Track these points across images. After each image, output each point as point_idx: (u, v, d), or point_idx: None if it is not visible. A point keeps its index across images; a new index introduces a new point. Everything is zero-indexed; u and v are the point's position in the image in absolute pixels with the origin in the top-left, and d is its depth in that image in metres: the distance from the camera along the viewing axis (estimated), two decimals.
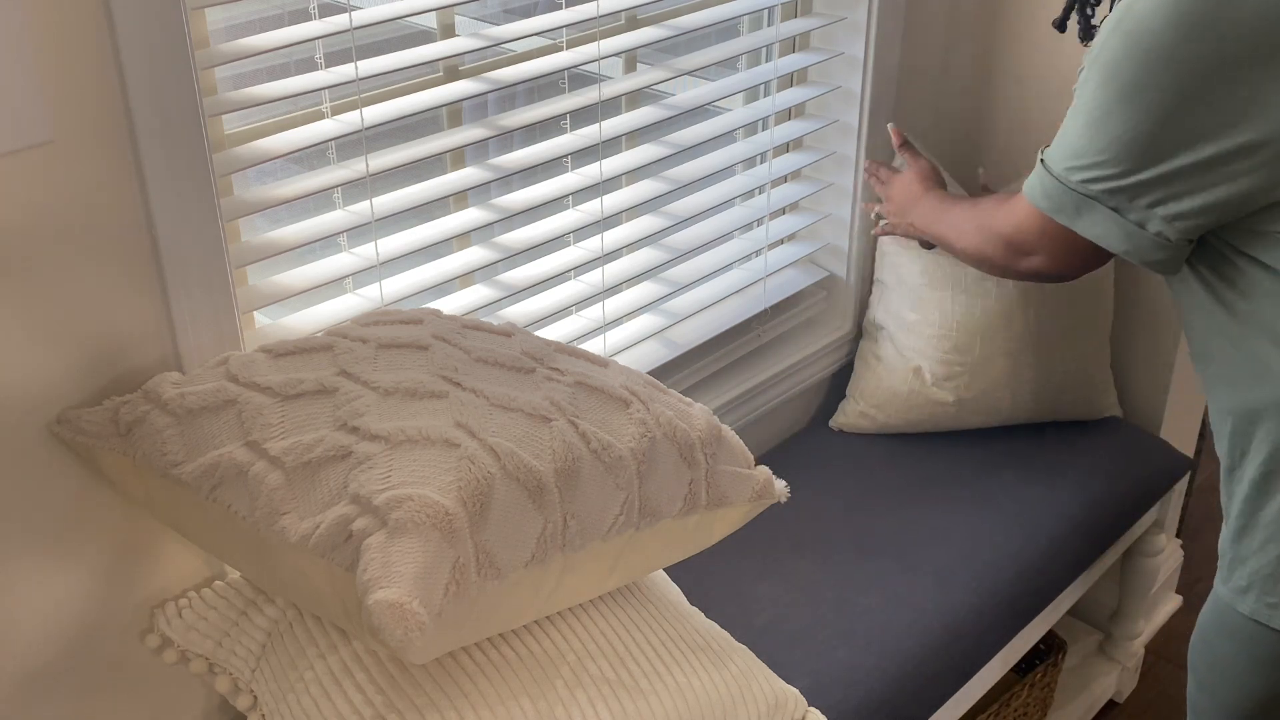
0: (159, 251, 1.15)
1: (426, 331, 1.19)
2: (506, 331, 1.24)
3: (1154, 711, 2.29)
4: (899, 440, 1.98)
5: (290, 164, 1.39)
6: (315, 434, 1.02)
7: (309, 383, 1.08)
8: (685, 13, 1.70)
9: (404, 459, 0.99)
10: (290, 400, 1.07)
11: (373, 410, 1.04)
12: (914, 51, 1.98)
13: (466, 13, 1.49)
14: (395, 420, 1.03)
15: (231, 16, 1.27)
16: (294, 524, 0.98)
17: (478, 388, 1.09)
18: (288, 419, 1.05)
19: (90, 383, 1.14)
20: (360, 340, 1.16)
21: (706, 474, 1.17)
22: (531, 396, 1.09)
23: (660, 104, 1.69)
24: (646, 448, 1.11)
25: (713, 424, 1.19)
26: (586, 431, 1.08)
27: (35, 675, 1.20)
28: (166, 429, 1.08)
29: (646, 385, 1.20)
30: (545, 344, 1.22)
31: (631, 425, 1.11)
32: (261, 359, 1.14)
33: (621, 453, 1.09)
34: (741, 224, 1.88)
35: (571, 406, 1.10)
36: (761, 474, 1.25)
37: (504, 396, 1.08)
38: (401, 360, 1.12)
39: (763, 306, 1.92)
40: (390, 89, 1.40)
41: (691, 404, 1.22)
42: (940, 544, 1.75)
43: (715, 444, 1.19)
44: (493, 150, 1.53)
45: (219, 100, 1.23)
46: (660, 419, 1.14)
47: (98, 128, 1.08)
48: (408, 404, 1.05)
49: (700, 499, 1.17)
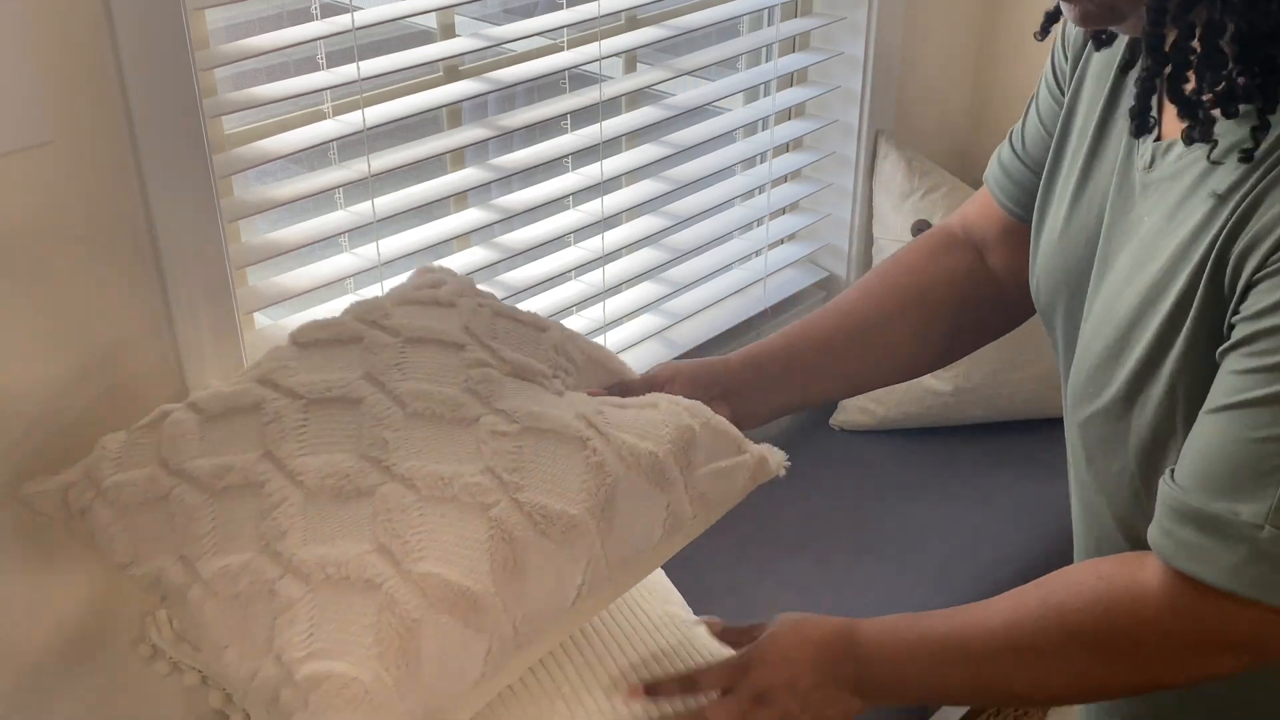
0: (159, 252, 1.15)
1: (361, 370, 1.07)
2: (542, 326, 1.15)
3: None
4: (899, 438, 1.98)
5: (291, 164, 1.39)
6: (241, 556, 0.96)
7: (235, 473, 1.01)
8: (685, 13, 1.70)
9: (325, 610, 0.92)
10: (219, 497, 1.00)
11: (297, 523, 0.97)
12: (914, 51, 1.98)
13: (466, 13, 1.49)
14: (316, 545, 0.95)
15: (231, 17, 1.27)
16: (236, 662, 0.94)
17: (408, 471, 0.98)
18: (217, 527, 0.99)
19: (90, 383, 1.14)
20: (290, 394, 1.06)
21: (685, 487, 1.05)
22: (468, 470, 0.98)
23: (660, 104, 1.69)
24: (606, 497, 0.99)
25: (682, 427, 1.05)
26: (532, 508, 0.97)
27: (34, 678, 1.20)
28: (110, 525, 1.03)
29: (599, 408, 1.06)
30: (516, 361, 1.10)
31: (588, 475, 0.99)
32: (192, 424, 1.06)
33: (575, 518, 0.97)
34: (741, 224, 1.88)
35: (515, 472, 0.98)
36: (754, 456, 1.08)
37: (435, 480, 0.97)
38: (329, 430, 1.02)
39: (763, 306, 1.92)
40: (391, 89, 1.40)
41: (655, 404, 1.08)
42: (940, 543, 1.75)
43: (690, 449, 1.05)
44: (493, 150, 1.53)
45: (219, 101, 1.23)
46: (622, 450, 1.02)
47: (97, 128, 1.08)
48: (332, 514, 0.97)
49: (684, 514, 1.05)
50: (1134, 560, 0.87)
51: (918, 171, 1.93)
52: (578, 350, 1.16)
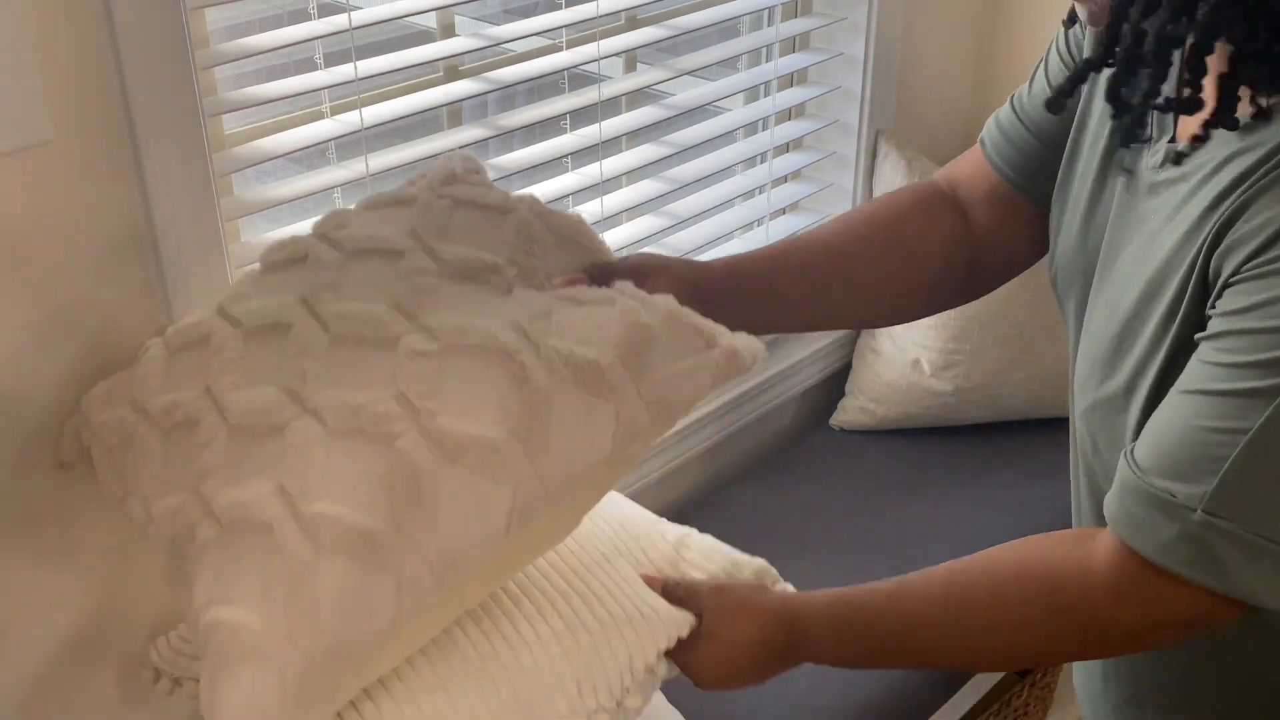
0: (159, 252, 1.15)
1: (298, 293, 1.03)
2: (506, 208, 1.09)
3: None
4: (900, 438, 1.98)
5: (290, 164, 1.39)
6: (178, 497, 0.97)
7: (180, 410, 1.01)
8: (685, 13, 1.70)
9: (226, 554, 0.92)
10: (168, 435, 1.00)
11: (219, 463, 0.96)
12: (914, 51, 1.98)
13: (466, 13, 1.49)
14: (229, 487, 0.94)
15: (231, 16, 1.27)
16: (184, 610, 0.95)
17: (320, 403, 0.95)
18: (166, 466, 1.00)
19: (90, 383, 1.14)
20: (234, 323, 1.04)
21: (638, 392, 0.96)
22: (380, 398, 0.94)
23: (660, 104, 1.69)
24: (527, 410, 0.93)
25: (635, 326, 0.97)
26: (442, 435, 0.92)
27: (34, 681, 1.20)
28: (101, 462, 1.08)
29: (547, 308, 0.99)
30: (456, 261, 1.04)
31: (511, 391, 0.93)
32: (159, 360, 1.07)
33: (493, 440, 0.91)
34: (741, 224, 1.88)
35: (429, 398, 0.93)
36: (723, 350, 0.98)
37: (345, 411, 0.94)
38: (260, 361, 1.00)
39: None
40: (390, 89, 1.40)
41: (613, 300, 0.99)
42: (941, 542, 1.75)
43: (643, 350, 0.97)
44: (493, 150, 1.53)
45: (219, 100, 1.23)
46: (554, 360, 0.95)
47: (98, 128, 1.08)
48: (249, 452, 0.96)
49: (638, 421, 0.96)
50: (1087, 534, 0.91)
51: (918, 171, 1.93)
52: (547, 230, 1.09)
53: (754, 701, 1.49)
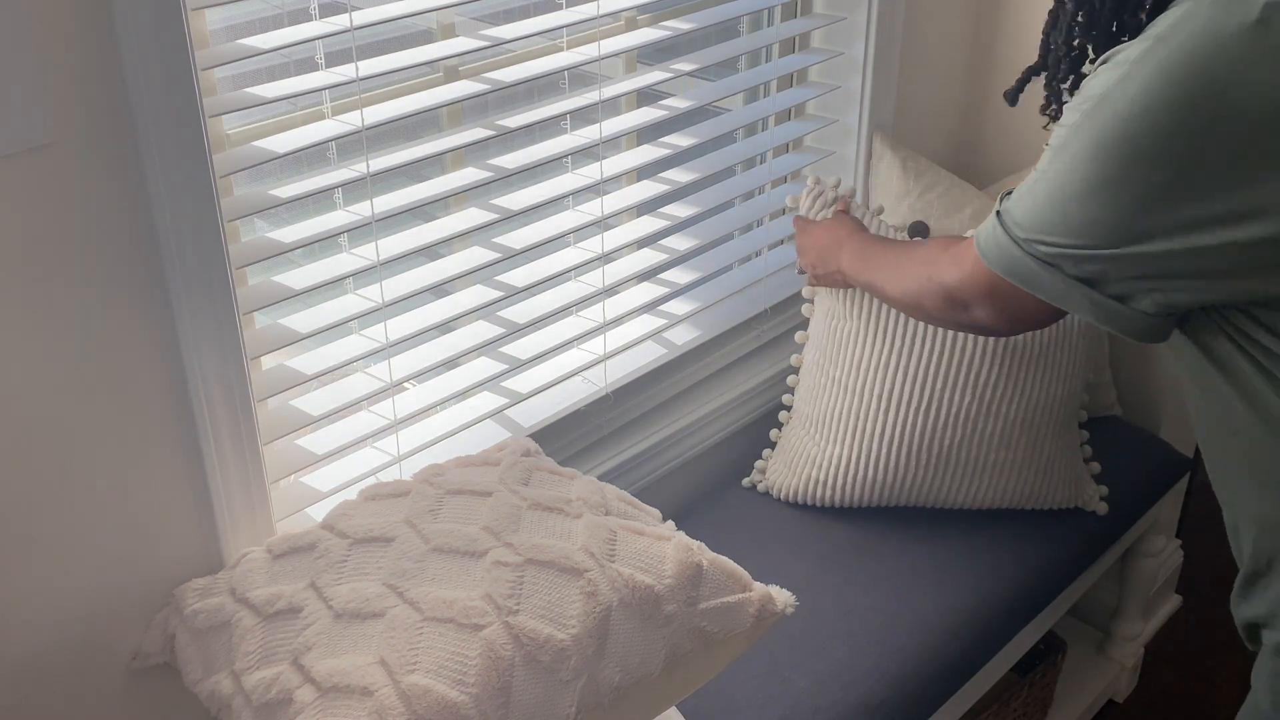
0: (159, 252, 1.15)
1: (403, 515, 1.23)
2: (570, 475, 1.31)
3: (1154, 711, 2.29)
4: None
5: (290, 164, 1.39)
6: (276, 669, 1.09)
7: (284, 599, 1.15)
8: (685, 13, 1.70)
9: (325, 714, 1.04)
10: (269, 620, 1.14)
11: (321, 639, 1.10)
12: (914, 51, 1.98)
13: (466, 13, 1.49)
14: (331, 658, 1.08)
15: (231, 16, 1.27)
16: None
17: (418, 596, 1.11)
18: (263, 645, 1.12)
19: (90, 384, 1.14)
20: (341, 535, 1.21)
21: (684, 620, 1.17)
22: (469, 595, 1.11)
23: (660, 104, 1.69)
24: (596, 625, 1.12)
25: (687, 562, 1.18)
26: (521, 631, 1.09)
27: (33, 671, 1.20)
28: (187, 646, 1.20)
29: (608, 539, 1.19)
30: (533, 499, 1.24)
31: (580, 601, 1.12)
32: (262, 561, 1.22)
33: (563, 644, 1.09)
34: (741, 224, 1.88)
35: (512, 598, 1.11)
36: (758, 594, 1.21)
37: (440, 604, 1.10)
38: (365, 564, 1.17)
39: (763, 307, 1.92)
40: (390, 89, 1.40)
41: (667, 537, 1.19)
42: (940, 543, 1.75)
43: (692, 585, 1.18)
44: (493, 151, 1.53)
45: (219, 100, 1.23)
46: (616, 581, 1.15)
47: (98, 128, 1.08)
48: (349, 631, 1.10)
49: (681, 647, 1.17)
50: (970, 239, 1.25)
51: (913, 171, 1.93)
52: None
53: (754, 701, 1.49)
